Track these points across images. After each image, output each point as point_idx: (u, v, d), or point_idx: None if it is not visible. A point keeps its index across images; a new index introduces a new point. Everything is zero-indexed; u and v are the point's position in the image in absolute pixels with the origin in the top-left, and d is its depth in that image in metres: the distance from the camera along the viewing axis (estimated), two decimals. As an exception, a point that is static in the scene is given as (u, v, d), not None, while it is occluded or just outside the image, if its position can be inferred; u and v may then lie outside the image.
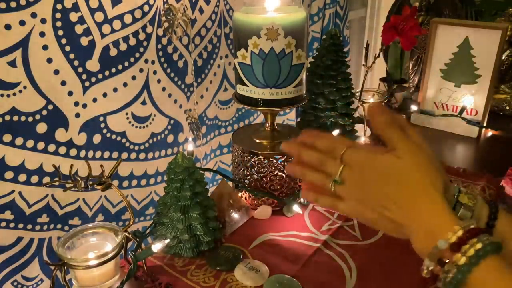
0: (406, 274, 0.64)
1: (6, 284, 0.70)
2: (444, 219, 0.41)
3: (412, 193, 0.43)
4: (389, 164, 0.44)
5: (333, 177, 0.48)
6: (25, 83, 0.65)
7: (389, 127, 0.46)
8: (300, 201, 0.80)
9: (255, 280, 0.62)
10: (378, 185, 0.45)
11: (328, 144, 0.49)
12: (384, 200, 0.44)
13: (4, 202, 0.67)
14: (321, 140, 0.50)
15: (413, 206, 0.43)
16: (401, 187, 0.43)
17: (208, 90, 0.96)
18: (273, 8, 0.72)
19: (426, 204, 0.42)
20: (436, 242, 0.39)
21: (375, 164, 0.45)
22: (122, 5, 0.72)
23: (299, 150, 0.51)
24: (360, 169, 0.46)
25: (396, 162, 0.44)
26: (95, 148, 0.76)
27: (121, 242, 0.60)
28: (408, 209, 0.43)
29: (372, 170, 0.45)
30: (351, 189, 0.47)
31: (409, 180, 0.43)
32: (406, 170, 0.43)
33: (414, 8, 1.08)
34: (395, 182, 0.44)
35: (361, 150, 0.47)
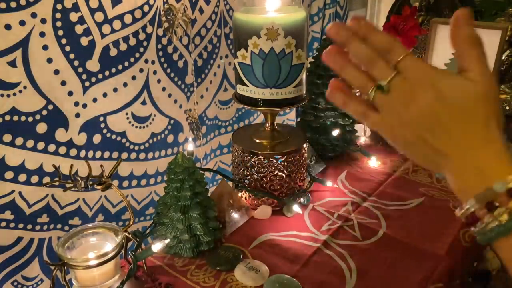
0: (406, 274, 0.64)
1: (6, 284, 0.70)
2: (503, 162, 0.37)
3: (471, 124, 0.38)
4: (457, 86, 0.38)
5: (379, 82, 0.40)
6: (25, 83, 0.65)
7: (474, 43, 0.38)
8: (300, 201, 0.80)
9: (255, 280, 0.62)
10: (433, 106, 0.38)
11: (386, 42, 0.40)
12: (435, 124, 0.38)
13: (4, 202, 0.67)
14: (380, 35, 0.41)
15: (469, 138, 0.38)
16: (461, 114, 0.38)
17: (208, 90, 0.96)
18: (273, 8, 0.72)
19: (484, 140, 0.37)
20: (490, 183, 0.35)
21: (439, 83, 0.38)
22: (122, 5, 0.72)
23: (349, 38, 0.41)
24: (417, 84, 0.39)
25: (466, 85, 0.38)
26: (95, 148, 0.76)
27: (121, 242, 0.60)
28: (461, 140, 0.38)
29: (432, 89, 0.38)
30: (396, 102, 0.40)
31: (474, 109, 0.37)
32: (474, 97, 0.37)
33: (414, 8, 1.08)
34: (456, 107, 0.38)
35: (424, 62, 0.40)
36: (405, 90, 0.39)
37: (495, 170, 0.36)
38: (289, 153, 0.77)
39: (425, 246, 0.69)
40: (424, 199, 0.83)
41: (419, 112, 0.39)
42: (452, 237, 0.71)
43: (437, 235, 0.72)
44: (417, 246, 0.69)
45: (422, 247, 0.69)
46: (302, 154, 0.80)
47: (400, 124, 0.40)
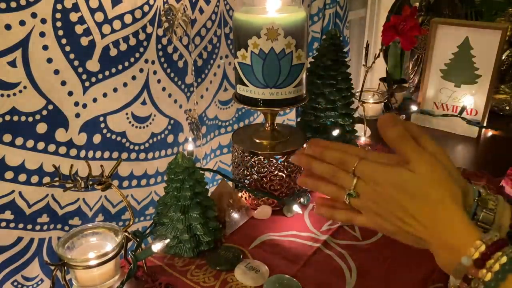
0: (406, 274, 0.64)
1: (6, 284, 0.70)
2: (465, 234, 0.40)
3: (430, 209, 0.42)
4: (404, 178, 0.43)
5: (348, 191, 0.47)
6: (25, 83, 0.65)
7: (402, 139, 0.44)
8: (300, 201, 0.80)
9: (255, 280, 0.62)
10: (394, 199, 0.43)
11: (339, 156, 0.47)
12: (402, 214, 0.43)
13: (4, 202, 0.67)
14: (331, 152, 0.48)
15: (433, 222, 0.42)
16: (419, 202, 0.42)
17: (208, 90, 0.96)
18: (273, 8, 0.72)
19: (445, 219, 0.41)
20: (459, 259, 0.38)
21: (389, 178, 0.43)
22: (122, 5, 0.72)
23: (309, 163, 0.49)
24: (375, 183, 0.44)
25: (411, 177, 0.42)
26: (95, 148, 0.76)
27: (121, 242, 0.60)
28: (428, 225, 0.42)
29: (387, 185, 0.43)
30: (367, 203, 0.46)
31: (426, 196, 0.42)
32: (422, 185, 0.42)
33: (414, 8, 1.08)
34: (412, 197, 0.42)
35: (374, 163, 0.45)
36: (370, 191, 0.45)
37: (461, 244, 0.39)
38: (289, 153, 0.77)
39: (425, 246, 0.69)
40: (424, 199, 0.83)
41: (387, 207, 0.44)
42: (452, 237, 0.71)
43: (437, 235, 0.72)
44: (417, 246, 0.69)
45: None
46: (302, 154, 0.80)
47: (379, 219, 0.46)
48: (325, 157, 0.49)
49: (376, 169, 0.45)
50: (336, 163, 0.48)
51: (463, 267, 0.38)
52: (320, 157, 0.49)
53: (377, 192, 0.44)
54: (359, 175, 0.46)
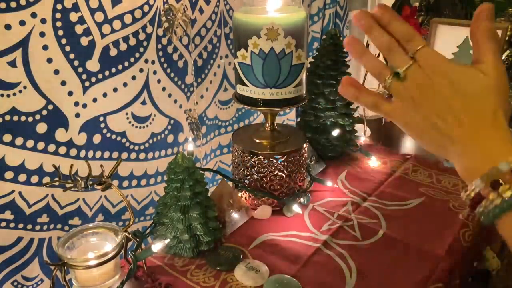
0: (406, 274, 0.64)
1: (6, 284, 0.70)
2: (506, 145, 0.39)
3: (480, 113, 0.40)
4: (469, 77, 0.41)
5: (396, 69, 0.43)
6: (25, 83, 0.65)
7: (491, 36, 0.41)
8: (300, 201, 0.80)
9: (255, 280, 0.62)
10: (445, 94, 0.41)
11: (406, 32, 0.43)
12: (446, 111, 0.41)
13: (4, 202, 0.67)
14: (401, 24, 0.44)
15: (478, 125, 0.40)
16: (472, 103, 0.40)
17: (208, 90, 0.96)
18: (273, 8, 0.72)
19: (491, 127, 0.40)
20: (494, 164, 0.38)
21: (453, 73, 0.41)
22: (122, 5, 0.72)
23: (372, 25, 0.44)
24: (432, 73, 0.42)
25: (478, 77, 0.40)
26: (95, 148, 0.76)
27: (121, 242, 0.60)
28: (470, 126, 0.40)
29: (445, 79, 0.41)
30: (411, 89, 0.43)
31: (484, 99, 0.40)
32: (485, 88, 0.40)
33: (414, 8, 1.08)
34: (467, 96, 0.40)
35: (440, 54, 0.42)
36: (420, 78, 0.42)
37: (500, 152, 0.39)
38: (289, 153, 0.77)
39: (425, 246, 0.69)
40: (424, 199, 0.83)
41: (432, 99, 0.41)
42: (452, 237, 0.71)
43: (437, 235, 0.72)
44: (417, 246, 0.69)
45: (422, 247, 0.69)
46: (302, 154, 0.80)
47: (413, 111, 0.43)
48: (392, 26, 0.44)
49: (441, 59, 0.42)
50: (399, 37, 0.44)
51: (497, 172, 0.38)
52: (386, 23, 0.44)
53: (429, 81, 0.42)
54: (420, 59, 0.42)
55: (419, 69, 0.42)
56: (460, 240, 0.71)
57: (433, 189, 0.86)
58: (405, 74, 0.43)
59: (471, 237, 0.73)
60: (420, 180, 0.90)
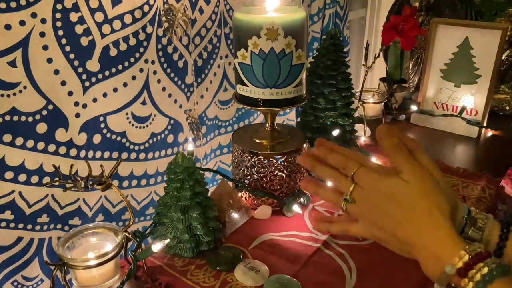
0: (406, 274, 0.64)
1: (6, 284, 0.70)
2: (450, 243, 0.41)
3: (418, 218, 0.43)
4: (396, 187, 0.45)
5: (345, 196, 0.49)
6: (25, 83, 0.65)
7: (396, 150, 0.46)
8: (300, 201, 0.80)
9: (255, 280, 0.62)
10: (385, 207, 0.45)
11: (341, 160, 0.50)
12: (393, 222, 0.45)
13: (4, 202, 0.67)
14: (334, 156, 0.50)
15: (420, 230, 0.43)
16: (407, 211, 0.44)
17: (208, 90, 0.96)
18: (273, 8, 0.72)
19: (432, 229, 0.43)
20: (443, 268, 0.40)
21: (382, 186, 0.45)
22: (122, 5, 0.72)
23: (313, 165, 0.52)
24: (369, 190, 0.47)
25: (402, 186, 0.44)
26: (95, 148, 0.76)
27: (121, 242, 0.60)
28: (415, 233, 0.43)
29: (380, 192, 0.45)
30: (362, 209, 0.48)
31: (415, 205, 0.44)
32: (411, 195, 0.44)
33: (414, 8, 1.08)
34: (401, 205, 0.44)
35: (371, 171, 0.47)
36: (364, 198, 0.47)
37: (446, 254, 0.41)
38: (289, 153, 0.77)
39: (425, 246, 0.69)
40: (424, 199, 0.83)
41: (378, 213, 0.46)
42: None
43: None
44: (417, 246, 0.69)
45: (422, 247, 0.69)
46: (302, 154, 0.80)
47: (371, 226, 0.48)
48: (329, 159, 0.51)
49: (372, 176, 0.47)
50: (338, 166, 0.50)
51: (446, 276, 0.40)
52: (323, 158, 0.51)
53: (371, 198, 0.46)
54: (357, 181, 0.48)
55: (360, 190, 0.47)
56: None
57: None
58: (352, 197, 0.48)
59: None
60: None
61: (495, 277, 0.37)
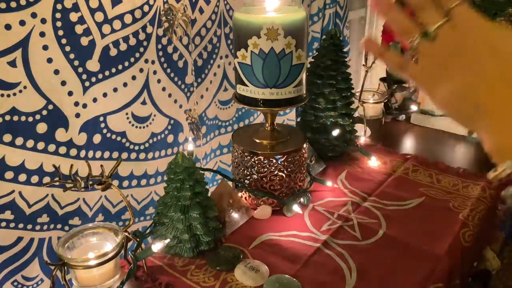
0: (406, 274, 0.64)
1: (6, 284, 0.70)
2: None
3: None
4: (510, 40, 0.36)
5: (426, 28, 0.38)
6: (25, 83, 0.65)
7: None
8: (300, 201, 0.80)
9: (255, 280, 0.62)
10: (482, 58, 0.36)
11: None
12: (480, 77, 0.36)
13: (4, 202, 0.67)
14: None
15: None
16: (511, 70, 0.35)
17: (208, 90, 0.96)
18: (273, 8, 0.72)
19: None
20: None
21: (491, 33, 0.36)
22: (122, 5, 0.72)
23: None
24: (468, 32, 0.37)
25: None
26: (95, 148, 0.76)
27: (121, 242, 0.60)
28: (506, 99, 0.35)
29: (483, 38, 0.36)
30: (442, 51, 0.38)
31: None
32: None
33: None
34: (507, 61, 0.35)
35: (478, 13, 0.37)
36: (453, 39, 0.37)
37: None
38: (289, 153, 0.77)
39: (425, 246, 0.69)
40: (424, 199, 0.83)
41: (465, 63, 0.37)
42: (452, 237, 0.71)
43: (437, 235, 0.72)
44: (417, 246, 0.69)
45: (422, 247, 0.69)
46: (302, 154, 0.80)
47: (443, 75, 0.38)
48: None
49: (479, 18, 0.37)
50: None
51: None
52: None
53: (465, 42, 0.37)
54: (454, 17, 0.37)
55: (453, 29, 0.37)
56: (460, 240, 0.71)
57: (433, 189, 0.86)
58: (436, 34, 0.38)
59: (471, 237, 0.73)
60: (420, 180, 0.90)
61: None
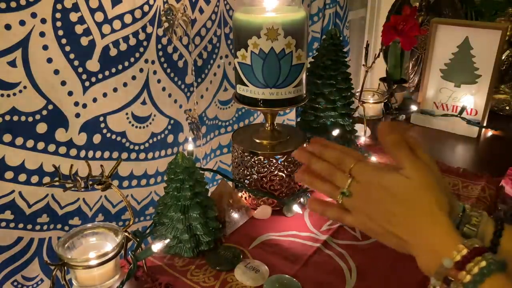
0: (406, 274, 0.64)
1: (6, 284, 0.70)
2: (448, 238, 0.42)
3: (417, 213, 0.44)
4: (396, 183, 0.45)
5: (341, 190, 0.49)
6: (25, 83, 0.65)
7: (398, 146, 0.46)
8: (300, 201, 0.80)
9: (255, 280, 0.62)
10: (384, 202, 0.45)
11: (338, 156, 0.50)
12: (390, 216, 0.45)
13: (4, 202, 0.67)
14: (330, 151, 0.51)
15: (419, 225, 0.43)
16: (407, 206, 0.44)
17: (208, 90, 0.96)
18: (273, 8, 0.72)
19: (430, 224, 0.43)
20: (441, 261, 0.40)
21: (382, 181, 0.45)
22: (122, 5, 0.72)
23: (309, 160, 0.52)
24: (368, 185, 0.47)
25: (403, 181, 0.44)
26: (95, 148, 0.76)
27: (121, 242, 0.60)
28: (413, 228, 0.44)
29: (379, 187, 0.46)
30: (358, 203, 0.48)
31: (415, 200, 0.44)
32: (412, 190, 0.44)
33: (414, 8, 1.08)
34: (401, 201, 0.44)
35: (370, 166, 0.48)
36: (362, 192, 0.47)
37: (444, 248, 0.41)
38: (289, 153, 0.77)
39: (425, 246, 0.69)
40: (424, 199, 0.83)
41: (375, 208, 0.46)
42: (452, 237, 0.71)
43: (437, 235, 0.72)
44: (417, 246, 0.69)
45: (422, 247, 0.69)
46: (302, 154, 0.80)
47: (367, 219, 0.47)
48: (325, 156, 0.51)
49: (371, 171, 0.47)
50: (334, 162, 0.50)
51: (444, 269, 0.40)
52: (319, 155, 0.51)
53: (369, 193, 0.47)
54: (355, 175, 0.48)
55: (357, 184, 0.47)
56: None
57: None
58: (350, 191, 0.48)
59: (471, 237, 0.73)
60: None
61: (493, 271, 0.38)
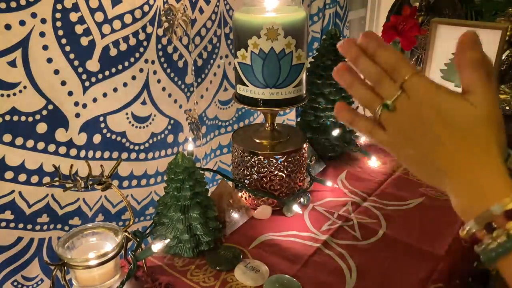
0: (406, 274, 0.64)
1: (6, 284, 0.70)
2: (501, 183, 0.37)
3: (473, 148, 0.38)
4: (457, 107, 0.38)
5: (385, 101, 0.41)
6: (25, 83, 0.65)
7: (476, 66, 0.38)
8: (300, 201, 0.80)
9: (255, 280, 0.62)
10: (435, 126, 0.39)
11: (394, 61, 0.41)
12: (436, 145, 0.39)
13: (4, 202, 0.67)
14: (387, 53, 0.41)
15: (470, 162, 0.38)
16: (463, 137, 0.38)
17: (208, 90, 0.96)
18: (273, 8, 0.72)
19: (485, 163, 0.38)
20: (488, 205, 0.36)
21: (440, 102, 0.39)
22: (122, 5, 0.72)
23: (358, 56, 0.42)
24: (419, 103, 0.39)
25: (466, 108, 0.38)
26: (95, 148, 0.76)
27: (121, 242, 0.60)
28: (463, 163, 0.38)
29: (433, 109, 0.39)
30: (400, 121, 0.41)
31: (475, 133, 0.38)
32: (474, 120, 0.38)
33: (414, 8, 1.08)
34: (457, 129, 0.38)
35: (429, 82, 0.40)
36: (409, 109, 0.40)
37: (494, 192, 0.37)
38: (289, 153, 0.77)
39: (425, 246, 0.69)
40: (424, 199, 0.83)
41: (422, 131, 0.40)
42: (452, 237, 0.71)
43: (437, 235, 0.72)
44: (417, 246, 0.69)
45: (422, 247, 0.69)
46: (302, 154, 0.80)
47: (405, 142, 0.41)
48: (379, 56, 0.42)
49: (430, 87, 0.39)
50: (387, 68, 0.41)
51: (491, 215, 0.36)
52: (372, 53, 0.42)
53: (418, 112, 0.40)
54: (407, 89, 0.40)
55: (407, 100, 0.40)
56: (460, 240, 0.71)
57: (433, 189, 0.86)
58: (394, 105, 0.41)
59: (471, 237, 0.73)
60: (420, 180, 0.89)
61: None
